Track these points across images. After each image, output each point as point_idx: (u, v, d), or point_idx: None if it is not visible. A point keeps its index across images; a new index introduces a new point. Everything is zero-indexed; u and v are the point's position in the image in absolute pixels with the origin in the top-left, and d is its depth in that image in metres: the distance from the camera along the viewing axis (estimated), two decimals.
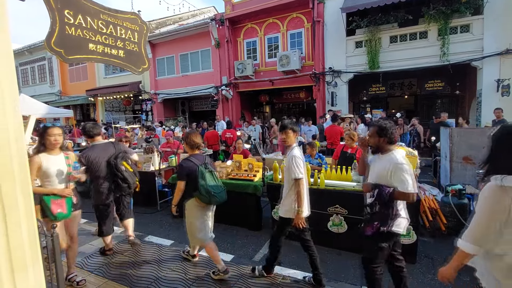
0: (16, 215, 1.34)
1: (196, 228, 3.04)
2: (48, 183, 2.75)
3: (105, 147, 3.43)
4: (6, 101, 1.32)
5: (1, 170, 1.27)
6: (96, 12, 2.21)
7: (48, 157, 2.75)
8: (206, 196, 2.88)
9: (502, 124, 1.59)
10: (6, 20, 1.36)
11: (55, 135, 2.75)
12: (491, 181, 1.45)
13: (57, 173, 2.76)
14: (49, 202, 2.70)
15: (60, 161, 2.82)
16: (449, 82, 11.17)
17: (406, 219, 2.31)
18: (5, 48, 1.33)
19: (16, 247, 1.34)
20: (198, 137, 3.18)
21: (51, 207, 2.70)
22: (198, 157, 3.09)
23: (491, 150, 1.51)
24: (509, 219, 1.37)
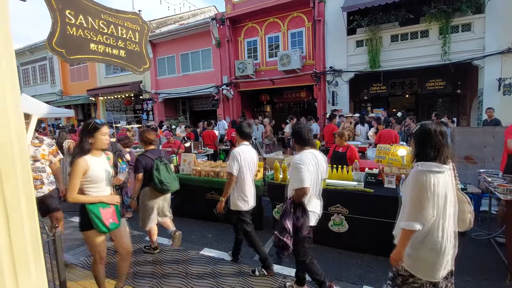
0: (18, 215, 1.35)
1: (146, 212, 3.45)
2: (94, 190, 2.37)
3: None
4: (8, 100, 1.32)
5: (3, 170, 1.28)
6: (97, 12, 2.21)
7: (94, 160, 2.37)
8: (159, 186, 3.30)
9: (420, 123, 1.97)
10: (7, 20, 1.36)
11: (106, 134, 2.42)
12: (414, 168, 1.84)
13: (104, 177, 2.41)
14: (99, 212, 2.32)
15: (104, 163, 2.47)
16: (450, 81, 11.15)
17: (314, 213, 2.56)
18: (7, 48, 1.33)
19: (19, 247, 1.35)
20: (152, 134, 3.64)
21: (103, 218, 2.31)
22: (154, 152, 3.51)
23: (414, 144, 1.92)
24: (431, 195, 1.72)
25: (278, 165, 4.23)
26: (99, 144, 2.39)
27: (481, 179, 3.77)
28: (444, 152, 1.79)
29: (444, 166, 1.76)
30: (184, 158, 5.30)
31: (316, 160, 2.55)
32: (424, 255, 1.80)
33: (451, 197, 1.81)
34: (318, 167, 2.56)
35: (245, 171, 3.08)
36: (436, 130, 1.83)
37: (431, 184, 1.72)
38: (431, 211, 1.73)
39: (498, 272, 3.12)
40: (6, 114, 1.29)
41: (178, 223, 4.87)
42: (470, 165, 5.25)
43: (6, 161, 1.27)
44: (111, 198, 2.45)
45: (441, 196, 1.75)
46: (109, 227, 2.35)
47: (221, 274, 3.13)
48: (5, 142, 1.28)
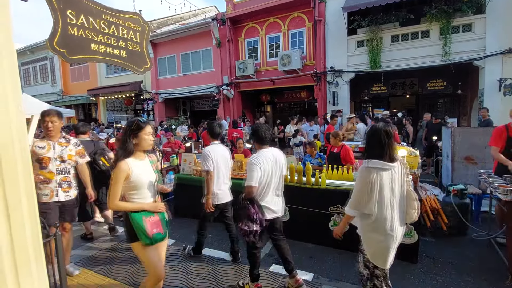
0: (19, 214, 1.35)
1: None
2: (137, 197, 2.16)
3: (87, 144, 3.88)
4: (9, 100, 1.33)
5: (4, 169, 1.28)
6: (98, 12, 2.22)
7: (137, 163, 2.14)
8: None
9: (372, 125, 2.21)
10: (9, 20, 1.37)
11: (150, 134, 2.19)
12: (363, 164, 2.10)
13: (148, 183, 2.18)
14: (142, 221, 2.09)
15: (148, 167, 2.23)
16: (451, 82, 11.14)
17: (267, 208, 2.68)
18: (8, 48, 1.34)
19: (20, 246, 1.35)
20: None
21: (146, 227, 2.09)
22: None
23: (365, 143, 2.17)
24: (373, 189, 1.99)
25: None
26: (143, 145, 2.16)
27: (482, 179, 3.77)
28: (389, 151, 2.01)
29: (390, 164, 1.99)
30: (185, 158, 5.31)
31: (274, 159, 2.69)
32: (376, 241, 2.08)
33: (398, 192, 2.06)
34: (277, 165, 2.69)
35: (218, 168, 3.24)
36: (382, 131, 2.04)
37: (373, 180, 1.98)
38: (371, 203, 2.01)
39: (499, 272, 3.12)
40: (7, 114, 1.29)
41: (178, 223, 4.88)
42: (470, 165, 5.24)
43: (7, 161, 1.28)
44: (154, 205, 2.20)
45: (385, 190, 2.00)
46: (152, 238, 2.10)
47: (222, 274, 3.14)
48: (7, 141, 1.28)
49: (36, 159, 2.86)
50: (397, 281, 3.07)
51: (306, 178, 4.03)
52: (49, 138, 2.95)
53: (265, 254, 3.73)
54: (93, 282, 3.03)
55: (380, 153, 2.00)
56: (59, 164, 2.96)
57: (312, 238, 3.87)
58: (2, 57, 1.28)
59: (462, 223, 3.92)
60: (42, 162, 2.88)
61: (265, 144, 2.74)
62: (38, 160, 2.89)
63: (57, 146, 2.98)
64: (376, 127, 2.10)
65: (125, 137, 2.14)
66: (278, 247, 2.86)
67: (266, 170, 2.61)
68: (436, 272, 3.22)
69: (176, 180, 5.09)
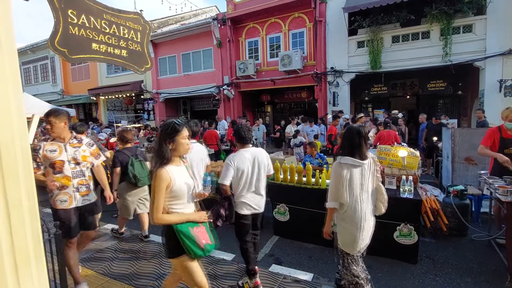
0: (20, 213, 1.36)
1: (123, 204, 3.89)
2: (178, 207, 2.00)
3: None
4: (11, 100, 1.33)
5: (5, 168, 1.28)
6: (99, 12, 2.22)
7: (175, 170, 1.98)
8: (132, 179, 3.74)
9: (347, 126, 2.43)
10: (10, 19, 1.37)
11: (187, 138, 2.02)
12: (336, 160, 2.37)
13: (187, 190, 2.03)
14: (191, 232, 1.92)
15: (185, 173, 2.07)
16: (451, 82, 11.14)
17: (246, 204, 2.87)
18: (10, 47, 1.34)
19: (20, 246, 1.36)
20: (129, 133, 4.06)
21: (197, 239, 1.93)
22: (130, 149, 3.95)
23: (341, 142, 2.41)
24: (345, 183, 2.25)
25: (279, 165, 4.23)
26: (180, 150, 1.99)
27: (482, 180, 3.77)
28: (360, 149, 2.25)
29: (360, 161, 2.23)
30: None
31: (253, 158, 2.82)
32: (345, 229, 2.32)
33: (369, 187, 2.29)
34: (256, 164, 2.83)
35: (193, 166, 3.32)
36: (355, 131, 2.28)
37: (343, 175, 2.24)
38: (345, 194, 2.25)
39: (499, 273, 3.12)
40: (9, 114, 1.29)
41: None
42: (470, 166, 5.24)
43: (8, 160, 1.28)
44: (199, 215, 2.05)
45: (355, 184, 2.24)
46: (205, 250, 1.95)
47: (221, 274, 3.14)
48: (7, 141, 1.28)
49: (48, 164, 2.63)
50: (397, 282, 3.07)
51: (306, 179, 4.03)
52: (59, 140, 2.70)
53: (265, 254, 3.74)
54: (93, 281, 3.03)
55: (352, 152, 2.25)
56: (74, 167, 2.72)
57: (312, 238, 3.87)
58: (3, 56, 1.29)
59: (462, 224, 3.92)
60: (56, 167, 2.63)
61: (246, 144, 2.87)
62: (51, 165, 2.64)
63: (69, 147, 2.73)
64: (350, 128, 2.35)
65: (160, 142, 1.94)
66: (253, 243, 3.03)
67: (241, 169, 2.76)
68: (436, 272, 3.22)
69: None
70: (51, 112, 2.72)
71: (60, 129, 2.70)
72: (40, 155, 2.60)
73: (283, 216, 4.13)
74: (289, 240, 4.07)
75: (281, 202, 4.13)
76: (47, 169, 2.64)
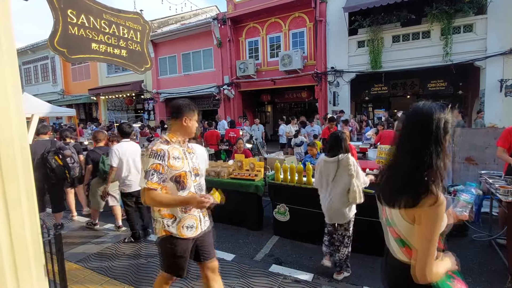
0: (19, 213, 1.35)
1: (94, 198, 4.33)
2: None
3: (44, 143, 4.27)
4: (10, 100, 1.33)
5: (4, 168, 1.28)
6: (99, 12, 2.22)
7: None
8: (103, 175, 4.13)
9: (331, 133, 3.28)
10: (10, 19, 1.37)
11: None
12: (321, 156, 3.15)
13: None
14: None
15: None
16: (451, 82, 11.12)
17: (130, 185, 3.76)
18: (9, 47, 1.34)
19: (19, 246, 1.35)
20: (101, 134, 4.65)
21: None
22: (102, 149, 4.42)
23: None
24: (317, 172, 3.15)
25: (279, 165, 4.22)
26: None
27: (482, 180, 3.76)
28: (332, 150, 2.98)
29: (329, 159, 2.97)
30: None
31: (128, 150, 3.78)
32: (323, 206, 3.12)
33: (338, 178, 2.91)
34: (134, 155, 3.81)
35: (125, 163, 3.78)
36: (333, 136, 3.06)
37: (319, 167, 3.10)
38: (317, 180, 3.16)
39: (499, 273, 3.11)
40: (8, 114, 1.29)
41: None
42: (471, 166, 5.23)
43: (7, 159, 1.28)
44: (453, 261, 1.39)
45: (325, 175, 3.02)
46: None
47: (221, 274, 3.13)
48: (7, 140, 1.28)
49: (172, 177, 1.89)
50: None
51: (307, 178, 4.02)
52: (179, 143, 1.99)
53: (265, 254, 3.73)
54: (93, 281, 3.03)
55: (328, 150, 3.04)
56: (195, 179, 2.04)
57: (312, 238, 3.86)
58: (3, 56, 1.29)
59: (463, 224, 3.91)
60: (181, 181, 1.92)
61: (126, 137, 3.83)
62: (176, 179, 1.91)
63: (187, 154, 2.03)
64: (331, 134, 3.15)
65: (439, 141, 1.19)
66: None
67: (120, 157, 3.65)
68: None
69: None
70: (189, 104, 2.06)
71: (195, 126, 2.05)
72: (165, 164, 1.85)
73: (283, 216, 4.12)
74: (289, 240, 4.06)
75: (281, 202, 4.13)
76: (167, 183, 1.89)
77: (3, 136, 1.32)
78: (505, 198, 2.97)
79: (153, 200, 1.81)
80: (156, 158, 1.82)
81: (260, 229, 4.47)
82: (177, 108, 1.98)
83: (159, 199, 1.81)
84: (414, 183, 1.16)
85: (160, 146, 1.87)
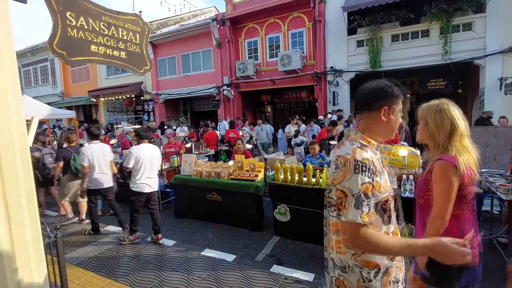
0: (19, 215, 1.35)
1: (63, 192, 4.82)
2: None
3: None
4: (10, 102, 1.33)
5: (5, 170, 1.28)
6: (97, 14, 2.22)
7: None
8: (74, 171, 4.62)
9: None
10: (9, 21, 1.37)
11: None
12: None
13: None
14: None
15: None
16: (451, 81, 11.11)
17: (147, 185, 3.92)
18: (8, 49, 1.34)
19: (20, 247, 1.35)
20: (74, 135, 5.16)
21: None
22: (74, 148, 4.86)
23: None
24: None
25: (279, 165, 4.22)
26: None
27: (483, 179, 3.76)
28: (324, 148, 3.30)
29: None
30: (185, 159, 5.31)
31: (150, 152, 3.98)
32: None
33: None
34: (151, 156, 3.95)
35: (94, 162, 4.13)
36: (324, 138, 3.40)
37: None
38: None
39: (500, 272, 3.11)
40: (8, 116, 1.29)
41: (179, 223, 4.88)
42: None
43: (8, 162, 1.28)
44: None
45: None
46: None
47: (223, 275, 3.13)
48: (7, 143, 1.28)
49: (378, 203, 1.18)
50: None
51: (307, 179, 4.02)
52: (374, 150, 1.27)
53: (266, 254, 3.73)
54: (94, 283, 3.03)
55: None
56: (395, 205, 1.36)
57: (313, 238, 3.86)
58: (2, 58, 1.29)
59: None
60: (387, 210, 1.22)
61: (144, 139, 3.98)
62: (382, 207, 1.20)
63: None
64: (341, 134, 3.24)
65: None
66: (152, 215, 3.99)
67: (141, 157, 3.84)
68: None
69: (177, 181, 5.10)
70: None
71: (398, 121, 1.36)
72: (373, 183, 1.14)
73: (284, 216, 4.12)
74: (290, 241, 4.06)
75: (282, 203, 4.12)
76: (376, 216, 1.16)
77: (3, 138, 1.32)
78: (506, 197, 2.97)
79: (368, 243, 1.07)
80: (366, 174, 1.11)
81: (261, 229, 4.47)
82: (370, 94, 1.31)
83: (379, 241, 1.07)
84: None
85: (363, 154, 1.15)
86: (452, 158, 1.52)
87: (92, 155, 4.11)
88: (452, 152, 1.54)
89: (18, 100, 1.39)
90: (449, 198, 1.48)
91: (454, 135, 1.57)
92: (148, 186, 3.92)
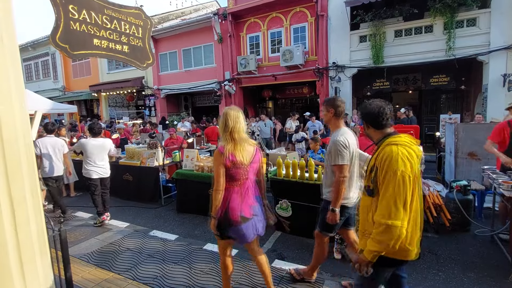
0: (24, 209, 1.36)
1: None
2: None
3: None
4: (13, 97, 1.32)
5: (9, 165, 1.28)
6: (100, 7, 2.20)
7: None
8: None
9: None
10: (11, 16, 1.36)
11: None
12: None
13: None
14: None
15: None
16: (454, 77, 11.03)
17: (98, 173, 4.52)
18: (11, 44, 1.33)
19: (25, 241, 1.36)
20: (62, 130, 5.99)
21: None
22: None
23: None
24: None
25: (281, 161, 4.22)
26: None
27: (485, 175, 3.75)
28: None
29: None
30: (187, 154, 5.31)
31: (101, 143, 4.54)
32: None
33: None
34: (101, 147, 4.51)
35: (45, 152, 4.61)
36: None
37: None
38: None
39: (501, 268, 3.12)
40: (12, 111, 1.29)
41: (181, 218, 4.90)
42: (474, 161, 5.22)
43: (12, 157, 1.28)
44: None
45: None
46: None
47: None
48: (11, 138, 1.28)
49: None
50: None
51: (309, 174, 4.02)
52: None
53: (267, 249, 3.75)
54: (97, 276, 3.06)
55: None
56: None
57: None
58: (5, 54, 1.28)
59: (465, 219, 3.91)
60: None
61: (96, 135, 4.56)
62: None
63: None
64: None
65: None
66: (102, 198, 4.55)
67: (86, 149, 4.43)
68: (438, 268, 3.22)
69: (179, 176, 5.12)
70: None
71: None
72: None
73: (286, 211, 4.13)
74: (291, 236, 4.08)
75: (284, 198, 4.13)
76: None
77: (7, 133, 1.32)
78: (508, 193, 2.96)
79: None
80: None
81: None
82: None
83: None
84: None
85: None
86: (221, 147, 2.20)
87: (43, 146, 4.66)
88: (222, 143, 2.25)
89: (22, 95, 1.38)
90: (219, 175, 2.23)
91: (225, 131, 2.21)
92: (96, 173, 4.53)
